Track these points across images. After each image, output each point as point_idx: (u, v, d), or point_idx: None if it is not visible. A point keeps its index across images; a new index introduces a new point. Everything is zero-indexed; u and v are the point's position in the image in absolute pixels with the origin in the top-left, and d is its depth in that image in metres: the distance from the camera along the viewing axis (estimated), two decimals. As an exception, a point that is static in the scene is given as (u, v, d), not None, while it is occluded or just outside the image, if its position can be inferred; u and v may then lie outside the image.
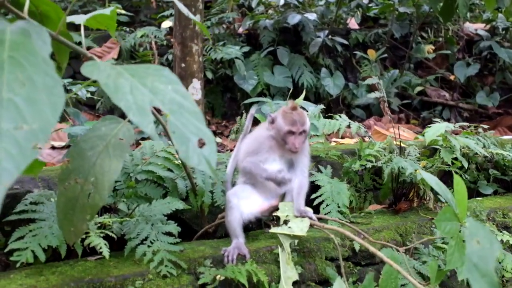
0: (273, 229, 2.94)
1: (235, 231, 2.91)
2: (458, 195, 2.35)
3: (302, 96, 4.26)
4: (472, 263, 1.54)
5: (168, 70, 1.88)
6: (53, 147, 5.30)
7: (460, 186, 2.37)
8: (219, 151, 4.48)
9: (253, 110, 3.46)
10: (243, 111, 4.84)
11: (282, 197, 3.04)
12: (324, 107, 4.18)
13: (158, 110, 2.69)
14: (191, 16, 2.71)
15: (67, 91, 5.71)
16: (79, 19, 2.54)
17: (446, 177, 4.51)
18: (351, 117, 7.48)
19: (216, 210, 3.41)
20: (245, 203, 2.97)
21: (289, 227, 2.89)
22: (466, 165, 3.87)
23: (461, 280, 3.35)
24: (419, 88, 8.33)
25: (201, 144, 1.61)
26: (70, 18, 2.56)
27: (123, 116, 2.13)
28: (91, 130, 2.31)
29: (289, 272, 2.87)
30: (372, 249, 2.64)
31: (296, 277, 2.84)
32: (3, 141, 1.29)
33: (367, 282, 2.56)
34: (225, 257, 2.81)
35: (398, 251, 3.10)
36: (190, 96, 1.78)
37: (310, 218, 2.91)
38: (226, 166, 3.46)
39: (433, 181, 2.49)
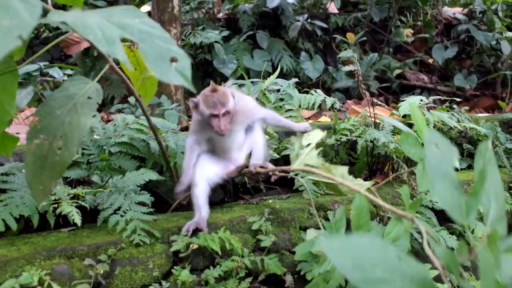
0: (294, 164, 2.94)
1: (198, 200, 2.92)
2: (417, 122, 2.37)
3: (276, 74, 4.28)
4: (432, 167, 1.54)
5: (134, 8, 1.90)
6: (30, 130, 5.25)
7: (417, 114, 2.39)
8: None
9: (229, 83, 3.47)
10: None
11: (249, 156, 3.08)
12: (298, 80, 4.20)
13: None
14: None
15: (44, 75, 5.67)
16: (44, -13, 2.53)
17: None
18: (331, 100, 7.50)
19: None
20: (210, 169, 3.01)
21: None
22: (439, 138, 3.92)
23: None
24: (398, 71, 8.38)
25: (174, 61, 1.66)
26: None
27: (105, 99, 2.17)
28: (60, 90, 2.31)
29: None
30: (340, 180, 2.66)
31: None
32: None
33: (338, 216, 2.57)
34: (184, 230, 2.81)
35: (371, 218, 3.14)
36: (159, 26, 1.80)
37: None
38: None
39: (392, 120, 2.52)
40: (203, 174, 2.98)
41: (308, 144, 2.92)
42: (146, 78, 3.14)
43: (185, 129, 5.33)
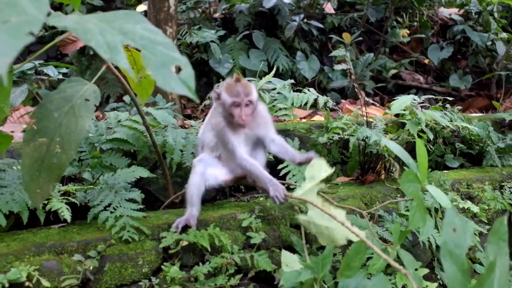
0: (296, 193, 2.74)
1: (192, 197, 2.91)
2: (420, 157, 2.44)
3: (271, 74, 4.29)
4: (447, 250, 1.64)
5: (135, 12, 1.88)
6: (24, 130, 5.25)
7: (421, 150, 2.46)
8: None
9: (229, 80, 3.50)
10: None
11: None
12: (294, 80, 4.21)
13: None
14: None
15: (39, 73, 5.67)
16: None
17: (414, 152, 4.58)
18: (326, 100, 7.48)
19: (183, 181, 3.44)
20: (211, 171, 2.99)
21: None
22: (431, 136, 3.93)
23: (423, 245, 3.43)
24: (393, 71, 8.38)
25: (178, 70, 1.63)
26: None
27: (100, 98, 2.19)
28: (57, 92, 2.30)
29: (333, 212, 2.57)
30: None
31: (343, 212, 2.58)
32: None
33: (327, 252, 2.61)
34: (173, 227, 2.82)
35: (362, 217, 3.16)
36: (160, 31, 1.78)
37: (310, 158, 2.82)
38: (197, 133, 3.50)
39: (396, 148, 2.57)
40: (202, 175, 2.97)
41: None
42: (143, 78, 3.14)
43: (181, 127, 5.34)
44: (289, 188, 3.36)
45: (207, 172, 2.98)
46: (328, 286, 2.65)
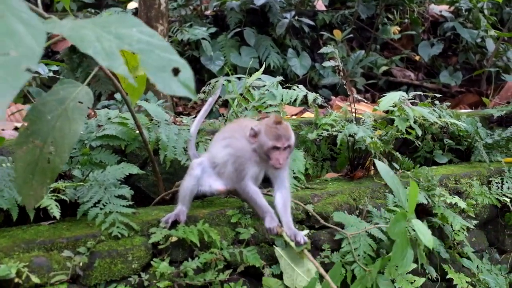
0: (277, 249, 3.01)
1: (184, 198, 2.94)
2: (411, 196, 2.69)
3: (261, 70, 4.30)
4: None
5: (129, 15, 1.88)
6: (16, 128, 5.25)
7: (414, 188, 2.72)
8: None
9: (222, 80, 3.55)
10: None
11: None
12: (283, 79, 4.23)
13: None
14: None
15: (29, 71, 5.66)
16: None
17: (403, 148, 4.64)
18: (318, 96, 7.51)
19: (173, 178, 3.47)
20: (207, 178, 3.00)
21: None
22: (420, 133, 3.96)
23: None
24: (384, 68, 8.43)
25: (176, 72, 1.63)
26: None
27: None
28: (49, 94, 2.27)
29: (308, 265, 2.90)
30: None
31: (315, 269, 2.85)
32: None
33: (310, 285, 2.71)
34: (163, 221, 2.84)
35: (351, 213, 3.19)
36: (157, 34, 1.77)
37: (298, 242, 2.83)
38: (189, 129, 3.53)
39: (389, 176, 2.73)
40: (198, 179, 2.98)
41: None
42: (135, 78, 3.13)
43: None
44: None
45: (203, 177, 2.99)
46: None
